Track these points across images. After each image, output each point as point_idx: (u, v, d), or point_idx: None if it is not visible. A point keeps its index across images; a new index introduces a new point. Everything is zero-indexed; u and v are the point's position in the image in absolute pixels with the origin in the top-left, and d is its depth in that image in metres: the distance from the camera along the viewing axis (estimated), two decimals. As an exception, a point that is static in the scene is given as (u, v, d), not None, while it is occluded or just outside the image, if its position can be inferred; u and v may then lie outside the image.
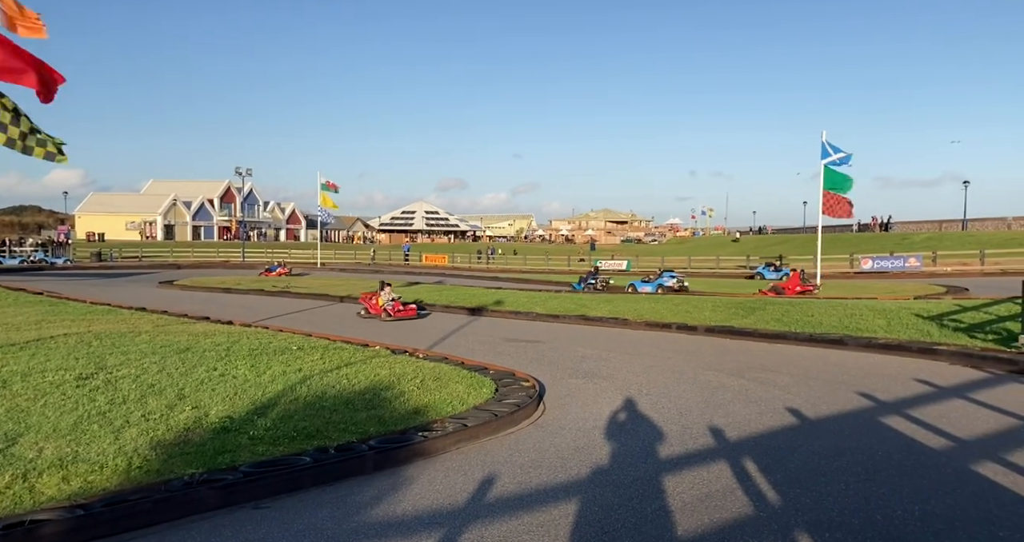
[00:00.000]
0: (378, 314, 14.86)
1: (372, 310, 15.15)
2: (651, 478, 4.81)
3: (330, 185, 41.61)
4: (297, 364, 7.96)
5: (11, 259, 40.35)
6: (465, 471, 4.98)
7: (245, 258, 49.11)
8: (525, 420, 6.46)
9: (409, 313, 14.93)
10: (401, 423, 5.81)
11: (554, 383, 8.19)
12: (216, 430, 5.26)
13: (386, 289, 15.26)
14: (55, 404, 5.74)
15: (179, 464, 4.53)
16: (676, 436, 5.92)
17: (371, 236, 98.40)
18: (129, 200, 76.06)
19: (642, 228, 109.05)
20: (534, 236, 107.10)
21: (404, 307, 14.97)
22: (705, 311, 14.38)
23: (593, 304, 16.70)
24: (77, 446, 4.70)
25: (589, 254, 57.65)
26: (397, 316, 14.62)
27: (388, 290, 15.27)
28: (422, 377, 7.50)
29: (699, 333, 12.56)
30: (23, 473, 4.15)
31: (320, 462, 4.77)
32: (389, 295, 15.10)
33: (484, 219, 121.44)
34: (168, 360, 7.87)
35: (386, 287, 15.37)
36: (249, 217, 75.88)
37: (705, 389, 7.87)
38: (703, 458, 5.30)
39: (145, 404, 5.88)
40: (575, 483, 4.74)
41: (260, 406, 6.01)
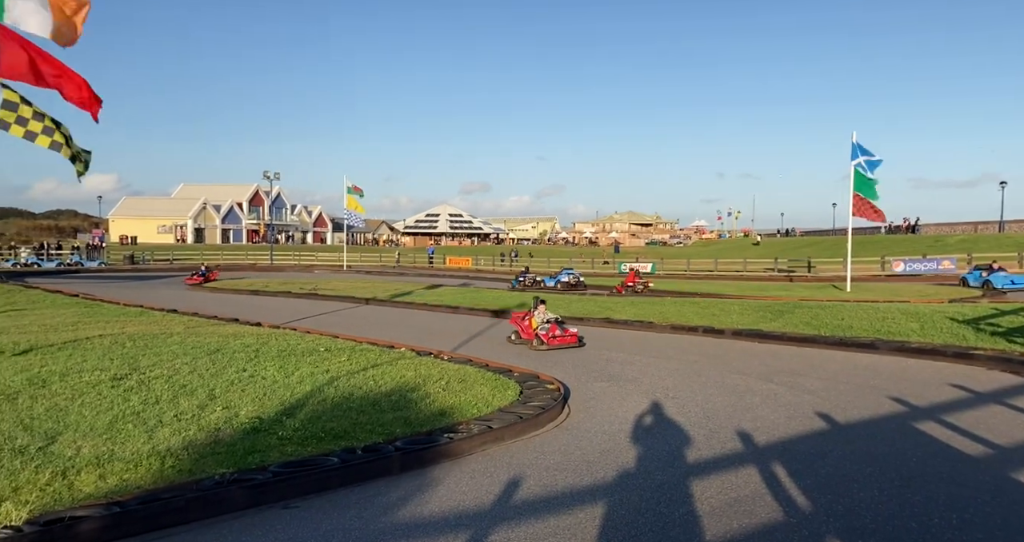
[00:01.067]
0: (530, 339, 11.37)
1: (524, 334, 11.62)
2: (678, 482, 4.76)
3: (356, 189, 42.04)
4: (325, 365, 8.06)
5: (49, 262, 41.50)
6: (491, 473, 4.99)
7: (273, 261, 49.84)
8: (550, 423, 6.45)
9: (568, 341, 11.17)
10: (427, 424, 5.84)
11: (579, 386, 8.17)
12: (246, 430, 5.34)
13: (540, 308, 11.60)
14: (92, 404, 5.89)
15: (210, 463, 4.61)
16: (703, 440, 5.86)
17: (396, 239, 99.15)
18: (161, 204, 77.71)
19: (667, 230, 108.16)
20: (557, 238, 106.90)
21: (563, 332, 11.24)
22: (732, 314, 14.21)
23: (618, 307, 16.61)
24: (113, 445, 4.82)
25: (613, 256, 57.33)
26: (553, 344, 11.02)
27: (543, 309, 11.58)
28: (447, 379, 7.54)
29: (726, 336, 12.42)
30: (62, 470, 4.27)
31: (348, 463, 4.82)
32: (544, 315, 11.46)
33: (507, 222, 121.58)
34: (199, 361, 8.01)
35: (540, 305, 11.67)
36: (277, 220, 77.01)
37: (732, 393, 7.77)
38: (731, 462, 5.23)
39: (177, 404, 6.00)
40: (601, 486, 4.72)
41: (289, 407, 6.09)
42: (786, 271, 36.93)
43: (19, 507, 3.71)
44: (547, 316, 11.48)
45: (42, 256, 43.25)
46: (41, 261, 41.46)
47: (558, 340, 11.01)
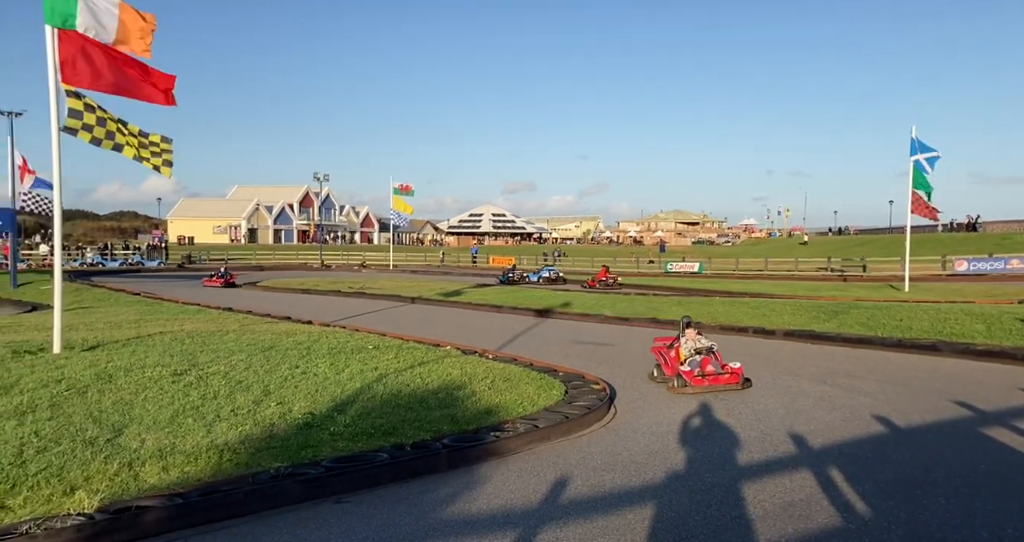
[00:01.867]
0: (671, 376, 8.06)
1: (667, 370, 8.22)
2: (729, 484, 4.67)
3: (403, 188, 42.61)
4: (373, 363, 8.20)
5: (112, 262, 43.43)
6: (538, 472, 4.99)
7: (323, 260, 50.98)
8: (596, 423, 6.41)
9: (726, 380, 7.81)
10: (473, 422, 5.88)
11: (625, 386, 8.09)
12: (299, 425, 5.48)
13: (689, 332, 8.31)
14: (154, 398, 6.14)
15: (265, 458, 4.74)
16: (754, 442, 5.73)
17: (440, 238, 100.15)
18: (216, 205, 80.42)
19: (714, 229, 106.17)
20: (601, 238, 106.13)
21: (724, 369, 7.89)
22: (784, 315, 13.85)
23: (664, 307, 16.39)
24: (174, 438, 5.01)
25: (659, 256, 56.56)
26: (700, 385, 7.70)
27: (692, 334, 8.29)
28: (492, 377, 7.57)
29: (777, 337, 12.11)
30: (128, 462, 4.46)
31: (397, 459, 4.89)
32: (694, 343, 8.19)
33: (550, 221, 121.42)
34: (254, 358, 8.26)
35: (689, 329, 8.35)
36: (326, 221, 78.78)
37: (784, 395, 7.58)
38: (784, 465, 5.10)
39: (234, 399, 6.20)
40: (650, 487, 4.67)
41: (339, 403, 6.22)
42: (839, 271, 35.78)
43: (91, 495, 3.90)
44: (698, 344, 8.16)
45: (106, 256, 45.28)
46: (105, 261, 43.40)
47: (712, 380, 7.73)
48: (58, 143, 8.25)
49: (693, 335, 8.32)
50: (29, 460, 4.40)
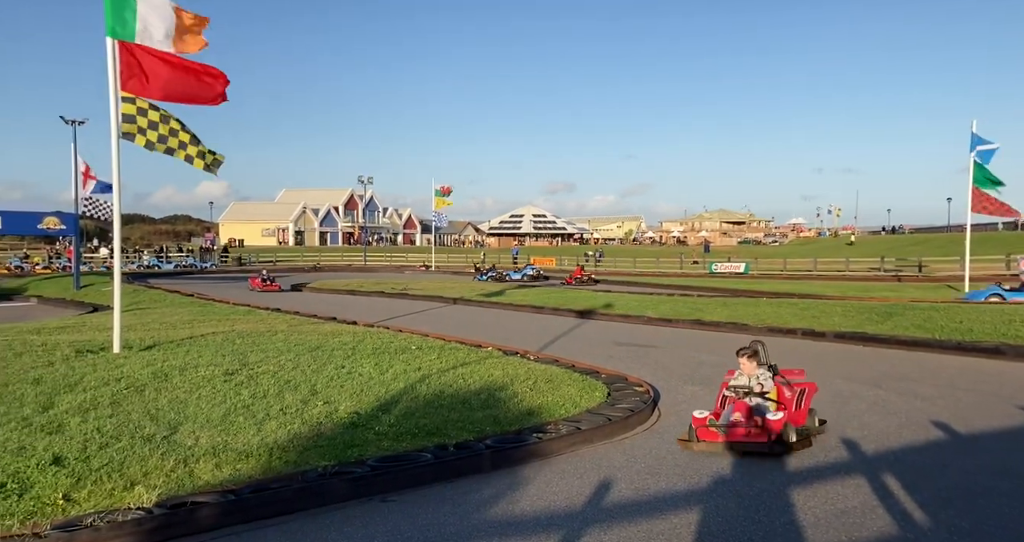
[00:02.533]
0: None
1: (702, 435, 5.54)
2: (778, 490, 4.56)
3: (444, 190, 43.04)
4: (416, 363, 8.29)
5: (167, 264, 45.07)
6: (581, 474, 4.96)
7: (367, 262, 51.84)
8: (640, 425, 6.34)
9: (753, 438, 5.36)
10: (516, 423, 5.89)
11: (669, 389, 7.98)
12: (345, 425, 5.58)
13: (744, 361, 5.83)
14: (207, 397, 6.34)
15: (313, 456, 4.84)
16: (803, 449, 5.57)
17: (481, 240, 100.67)
18: (264, 208, 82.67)
19: (761, 229, 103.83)
20: (643, 238, 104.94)
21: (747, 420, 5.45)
22: (834, 316, 13.44)
23: (709, 308, 16.11)
24: (226, 436, 5.16)
25: (703, 256, 55.63)
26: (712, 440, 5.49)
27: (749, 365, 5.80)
28: (534, 379, 7.57)
29: (827, 339, 11.77)
30: (184, 459, 4.62)
31: (440, 459, 4.93)
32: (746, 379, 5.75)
33: (591, 221, 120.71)
34: (301, 357, 8.45)
35: (745, 358, 5.84)
36: (370, 222, 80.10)
37: (835, 399, 7.36)
38: (836, 472, 4.95)
39: (282, 399, 6.36)
40: (695, 492, 4.59)
41: (384, 403, 6.31)
42: (893, 271, 34.58)
43: (149, 491, 4.05)
44: (750, 380, 5.73)
45: (161, 259, 47.01)
46: (160, 263, 45.08)
47: (739, 434, 5.36)
48: (118, 150, 8.60)
49: (750, 367, 5.79)
50: (92, 455, 4.60)
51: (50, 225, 23.20)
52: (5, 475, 4.17)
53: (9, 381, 6.67)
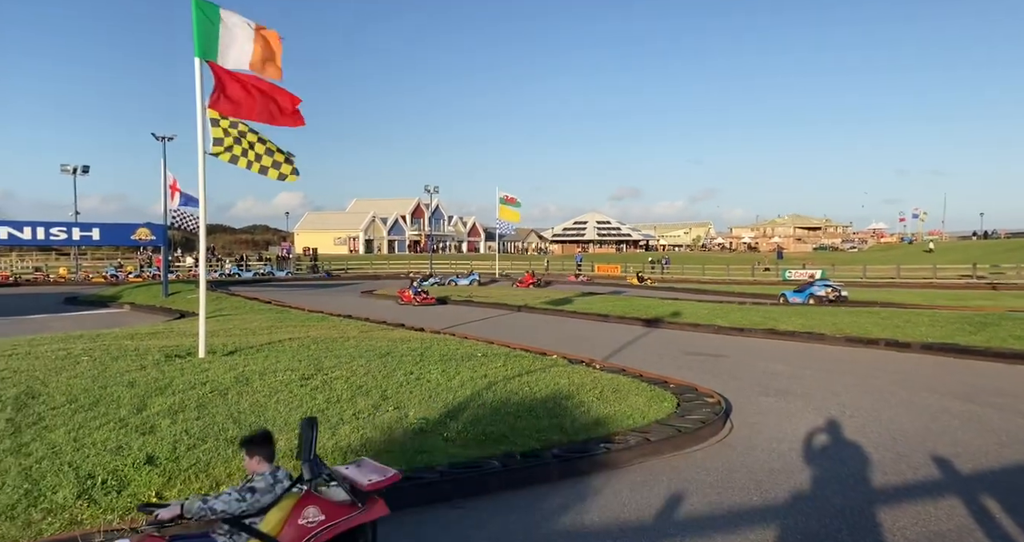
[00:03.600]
0: None
1: None
2: (862, 508, 4.34)
3: (509, 199, 43.29)
4: (482, 370, 8.36)
5: (247, 272, 47.24)
6: (651, 486, 4.87)
7: (433, 270, 52.76)
8: (711, 437, 6.17)
9: None
10: (582, 433, 5.85)
11: (741, 400, 7.74)
12: (415, 431, 5.69)
13: None
14: (285, 401, 6.60)
15: (385, 461, 4.92)
16: (889, 464, 5.29)
17: (544, 247, 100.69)
18: (336, 218, 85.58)
19: (838, 234, 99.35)
20: (712, 244, 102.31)
21: None
22: (921, 326, 12.71)
23: (783, 317, 15.53)
24: (303, 438, 5.35)
25: (776, 263, 53.69)
26: None
27: None
28: (601, 388, 7.49)
29: (913, 350, 11.13)
30: (264, 459, 4.82)
31: (508, 467, 4.96)
32: None
33: (658, 228, 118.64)
34: (372, 363, 8.68)
35: None
36: (435, 231, 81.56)
37: (924, 413, 6.94)
38: (927, 491, 4.67)
39: (355, 403, 6.54)
40: (772, 507, 4.43)
41: (452, 409, 6.40)
42: (986, 278, 32.40)
43: (232, 490, 4.25)
44: None
45: (241, 267, 49.32)
46: (240, 271, 47.27)
47: None
48: (203, 165, 9.12)
49: None
50: (181, 456, 4.87)
51: (142, 236, 24.71)
52: (105, 472, 4.47)
53: (108, 384, 7.15)
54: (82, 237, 23.37)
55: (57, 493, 4.13)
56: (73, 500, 4.05)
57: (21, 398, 6.46)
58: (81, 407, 6.16)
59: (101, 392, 6.76)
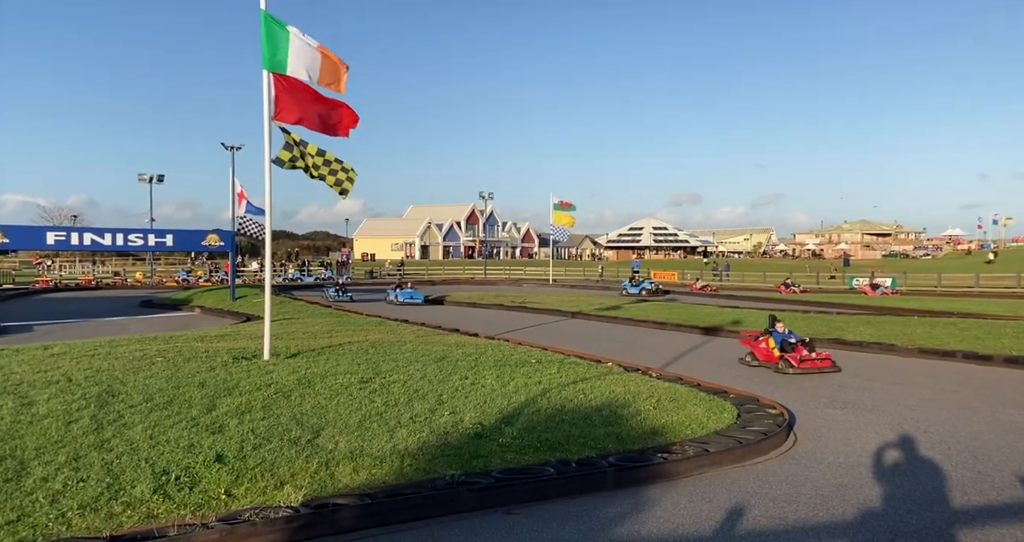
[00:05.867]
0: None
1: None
2: (940, 529, 4.11)
3: (564, 204, 43.22)
4: (537, 376, 8.36)
5: (308, 277, 48.73)
6: (710, 498, 4.76)
7: (487, 275, 53.12)
8: (773, 450, 5.98)
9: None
10: (639, 442, 5.76)
11: (806, 412, 7.47)
12: (470, 435, 5.73)
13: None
14: (345, 403, 6.77)
15: (440, 464, 5.01)
16: (970, 484, 5.00)
17: (599, 253, 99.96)
18: (393, 224, 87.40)
19: (910, 241, 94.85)
20: (774, 251, 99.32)
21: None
22: (1004, 338, 11.99)
23: (851, 326, 14.91)
24: (362, 442, 5.48)
25: (842, 270, 51.67)
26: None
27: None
28: (658, 397, 7.37)
29: (995, 364, 10.50)
30: (325, 462, 4.95)
31: (563, 474, 4.93)
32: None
33: (716, 234, 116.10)
34: (428, 368, 8.80)
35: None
36: (490, 237, 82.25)
37: (1009, 431, 6.54)
38: (1013, 513, 4.40)
39: (412, 407, 6.65)
40: (839, 524, 4.25)
41: (506, 415, 6.42)
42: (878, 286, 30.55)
43: (296, 490, 4.38)
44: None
45: (303, 272, 50.90)
46: (303, 276, 48.78)
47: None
48: (269, 174, 9.47)
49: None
50: (248, 455, 5.05)
51: (211, 242, 25.87)
52: (179, 469, 4.69)
53: (180, 384, 7.50)
54: (157, 243, 24.63)
55: (136, 488, 4.36)
56: (150, 495, 4.26)
57: (103, 396, 6.85)
58: (156, 406, 6.49)
59: (174, 392, 7.09)
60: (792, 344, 10.25)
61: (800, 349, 10.13)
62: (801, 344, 10.28)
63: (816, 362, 10.00)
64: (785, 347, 10.20)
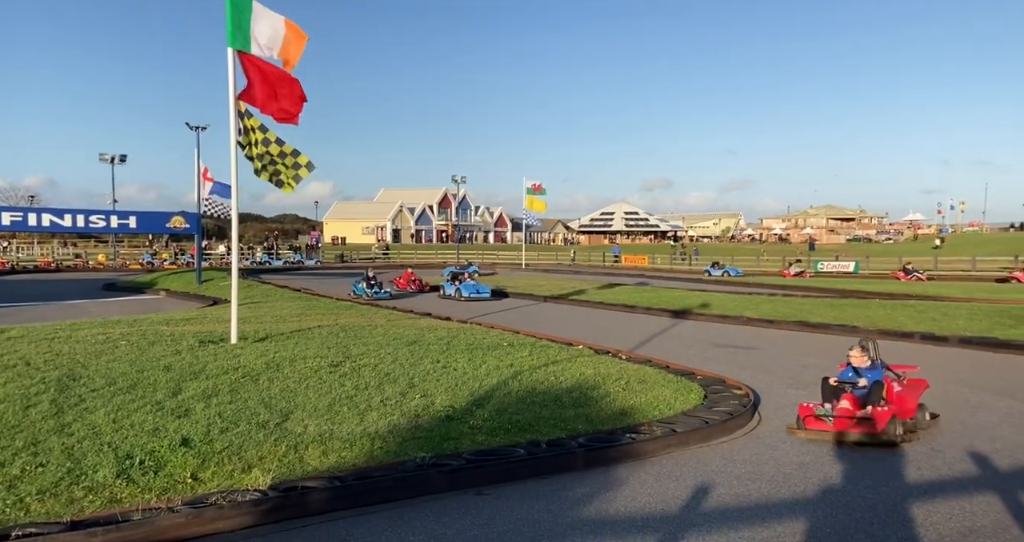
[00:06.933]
0: None
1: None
2: (894, 503, 4.27)
3: (536, 188, 43.18)
4: (508, 359, 8.39)
5: (276, 261, 48.01)
6: (677, 477, 4.85)
7: (460, 260, 52.99)
8: (739, 429, 6.12)
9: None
10: (608, 423, 5.84)
11: (770, 393, 7.65)
12: (441, 418, 5.75)
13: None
14: (315, 387, 6.71)
15: (411, 447, 5.02)
16: (924, 459, 5.19)
17: (572, 237, 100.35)
18: (364, 208, 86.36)
19: (873, 225, 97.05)
20: (742, 236, 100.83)
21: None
22: (958, 319, 12.40)
23: (815, 309, 15.27)
24: (332, 425, 5.45)
25: (807, 254, 52.73)
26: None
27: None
28: (627, 379, 7.47)
29: (950, 344, 10.86)
30: (294, 445, 4.92)
31: (534, 455, 4.98)
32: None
33: (686, 218, 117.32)
34: (399, 351, 8.77)
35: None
36: (462, 221, 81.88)
37: (960, 408, 6.79)
38: (962, 486, 4.58)
39: (383, 390, 6.63)
40: (800, 501, 4.38)
41: (478, 397, 6.44)
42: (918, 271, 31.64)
43: (264, 474, 4.35)
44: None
45: (271, 254, 50.13)
46: (271, 259, 48.05)
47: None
48: (235, 155, 9.26)
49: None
50: (215, 438, 4.99)
51: (177, 224, 25.23)
52: (143, 453, 4.61)
53: (145, 367, 7.36)
54: (120, 225, 23.96)
55: (98, 472, 4.28)
56: (113, 479, 4.19)
57: (63, 380, 6.69)
58: (120, 390, 6.36)
59: (138, 376, 6.96)
60: None
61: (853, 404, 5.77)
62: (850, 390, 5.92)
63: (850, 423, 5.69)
64: None
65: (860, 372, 6.05)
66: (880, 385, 5.79)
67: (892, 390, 5.87)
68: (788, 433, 5.93)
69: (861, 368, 6.08)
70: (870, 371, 6.03)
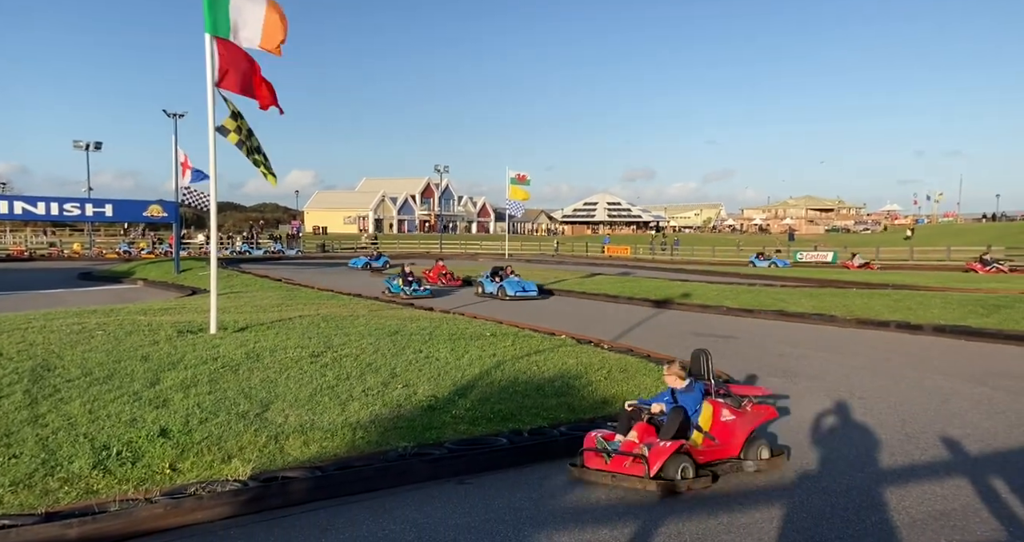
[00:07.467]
0: None
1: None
2: (868, 488, 4.35)
3: (520, 178, 43.06)
4: (491, 349, 8.40)
5: (257, 250, 47.47)
6: (657, 465, 4.89)
7: (443, 249, 52.80)
8: (719, 417, 6.18)
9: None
10: (590, 412, 5.88)
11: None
12: (423, 408, 5.74)
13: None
14: (295, 377, 6.66)
15: (393, 437, 5.01)
16: (897, 445, 5.30)
17: (555, 228, 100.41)
18: (346, 197, 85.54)
19: (851, 216, 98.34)
20: (722, 226, 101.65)
21: None
22: (933, 308, 12.62)
23: (793, 299, 15.46)
24: (313, 415, 5.41)
25: (787, 244, 53.29)
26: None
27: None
28: (608, 368, 7.51)
29: (925, 333, 11.07)
30: (275, 435, 4.88)
31: (516, 444, 5.00)
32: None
33: (668, 209, 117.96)
34: (381, 341, 8.73)
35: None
36: (445, 211, 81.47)
37: (934, 396, 6.92)
38: (934, 471, 4.68)
39: (364, 381, 6.60)
40: (777, 486, 4.45)
41: (460, 387, 6.44)
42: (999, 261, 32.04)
43: (244, 464, 4.31)
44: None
45: (251, 244, 49.55)
46: (251, 249, 47.51)
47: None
48: (214, 142, 9.11)
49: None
50: (194, 429, 4.94)
51: (154, 213, 24.81)
52: (120, 444, 4.55)
53: (121, 358, 7.25)
54: (95, 213, 23.52)
55: (73, 463, 4.21)
56: (89, 470, 4.13)
57: (37, 370, 6.56)
58: (96, 380, 6.26)
59: (115, 366, 6.85)
60: None
61: None
62: None
63: None
64: None
65: (676, 395, 4.85)
66: (679, 412, 4.59)
67: (717, 418, 4.66)
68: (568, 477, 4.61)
69: (677, 390, 4.86)
70: (685, 394, 4.83)
